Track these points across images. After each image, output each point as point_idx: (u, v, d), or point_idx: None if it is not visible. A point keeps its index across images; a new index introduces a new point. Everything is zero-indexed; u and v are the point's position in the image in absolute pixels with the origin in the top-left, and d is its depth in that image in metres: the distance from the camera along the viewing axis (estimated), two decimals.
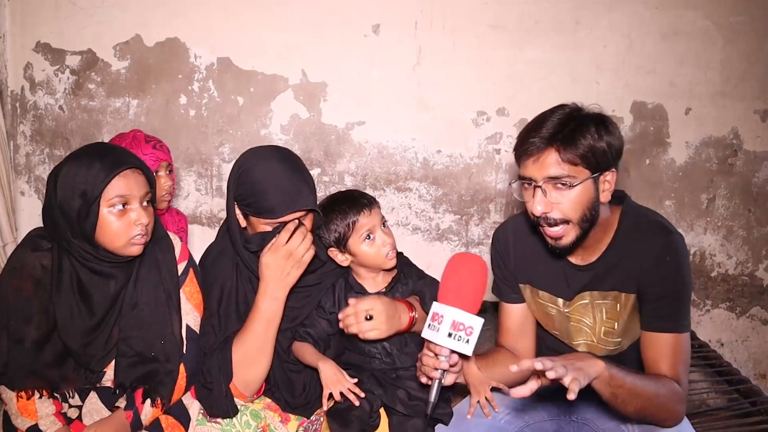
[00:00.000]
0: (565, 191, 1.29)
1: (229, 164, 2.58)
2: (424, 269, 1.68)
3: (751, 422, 1.88)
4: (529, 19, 2.54)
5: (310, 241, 1.47)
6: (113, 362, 1.44)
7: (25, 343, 1.38)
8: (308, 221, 1.50)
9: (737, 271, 2.76)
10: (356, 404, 1.44)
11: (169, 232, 1.55)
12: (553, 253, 1.41)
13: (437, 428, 1.49)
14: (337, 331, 1.57)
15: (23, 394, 1.39)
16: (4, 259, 2.43)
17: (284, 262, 1.44)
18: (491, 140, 2.63)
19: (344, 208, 1.53)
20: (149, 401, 1.43)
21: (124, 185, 1.33)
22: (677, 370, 1.33)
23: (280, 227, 1.46)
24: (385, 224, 1.56)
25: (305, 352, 1.52)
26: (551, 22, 2.54)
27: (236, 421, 1.50)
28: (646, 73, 2.59)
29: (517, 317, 1.57)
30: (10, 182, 2.56)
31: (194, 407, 1.53)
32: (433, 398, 1.30)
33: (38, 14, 2.57)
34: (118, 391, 1.44)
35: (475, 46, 2.56)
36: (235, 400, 1.48)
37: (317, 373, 1.48)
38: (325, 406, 1.46)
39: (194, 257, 1.59)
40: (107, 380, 1.46)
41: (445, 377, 1.32)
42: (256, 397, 1.55)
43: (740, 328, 2.81)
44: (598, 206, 1.33)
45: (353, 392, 1.43)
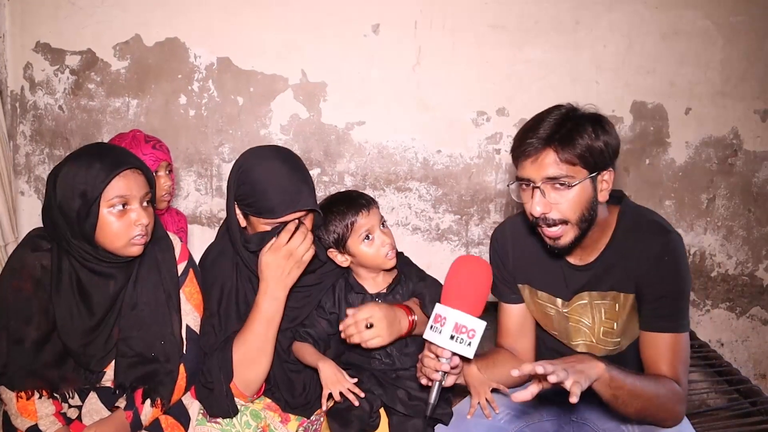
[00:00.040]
0: (563, 191, 1.29)
1: (228, 164, 2.58)
2: (423, 269, 1.67)
3: (751, 422, 1.88)
4: (529, 19, 2.54)
5: (310, 241, 1.47)
6: (113, 362, 1.44)
7: (24, 343, 1.38)
8: (308, 221, 1.50)
9: (737, 271, 2.76)
10: (356, 404, 1.43)
11: (168, 232, 1.55)
12: (551, 253, 1.41)
13: (437, 428, 1.49)
14: (337, 331, 1.57)
15: (23, 394, 1.40)
16: (4, 258, 2.43)
17: (285, 262, 1.44)
18: (491, 140, 2.63)
19: (342, 208, 1.53)
20: (149, 401, 1.42)
21: (124, 185, 1.33)
22: (677, 370, 1.33)
23: (280, 227, 1.46)
24: (384, 224, 1.56)
25: (305, 352, 1.52)
26: (551, 22, 2.54)
27: (236, 421, 1.50)
28: (646, 72, 2.59)
29: (516, 317, 1.57)
30: (11, 182, 2.55)
31: (194, 407, 1.53)
32: (433, 400, 1.29)
33: (38, 14, 2.57)
34: (117, 391, 1.44)
35: (474, 46, 2.56)
36: (235, 400, 1.48)
37: (317, 373, 1.47)
38: (324, 406, 1.46)
39: (194, 257, 1.59)
40: (107, 380, 1.46)
41: (445, 379, 1.32)
42: (256, 397, 1.55)
43: (740, 328, 2.81)
44: (596, 206, 1.33)
45: (353, 392, 1.43)
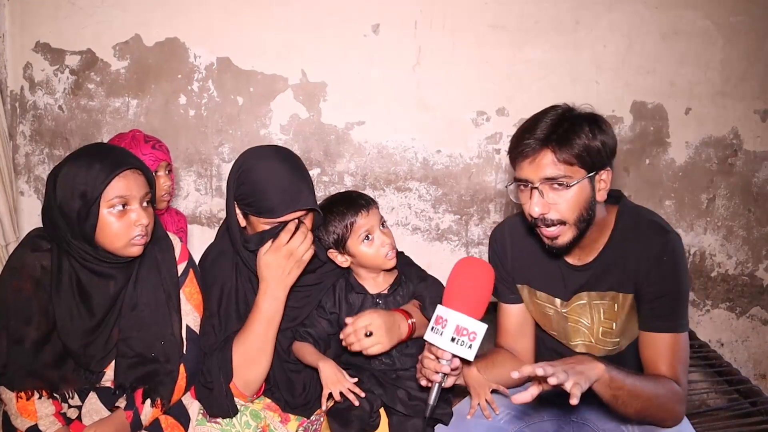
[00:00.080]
0: (561, 191, 1.29)
1: (228, 164, 2.58)
2: (424, 269, 1.68)
3: (751, 422, 1.88)
4: (529, 19, 2.54)
5: (310, 240, 1.47)
6: (113, 363, 1.44)
7: (24, 343, 1.38)
8: (308, 221, 1.50)
9: (737, 271, 2.76)
10: (356, 404, 1.44)
11: (168, 232, 1.55)
12: (550, 253, 1.41)
13: (437, 428, 1.49)
14: (337, 331, 1.57)
15: (23, 394, 1.39)
16: (5, 258, 2.43)
17: (285, 261, 1.44)
18: (491, 140, 2.63)
19: (342, 209, 1.53)
20: (149, 401, 1.42)
21: (123, 186, 1.33)
22: (676, 369, 1.33)
23: (280, 226, 1.46)
24: (384, 224, 1.56)
25: (305, 351, 1.52)
26: (551, 22, 2.54)
27: (236, 421, 1.50)
28: (646, 73, 2.58)
29: (515, 318, 1.57)
30: (12, 181, 2.55)
31: (194, 407, 1.53)
32: (432, 401, 1.29)
33: (38, 14, 2.57)
34: (117, 391, 1.44)
35: (474, 46, 2.55)
36: (235, 400, 1.48)
37: (317, 372, 1.47)
38: (324, 405, 1.46)
39: (194, 257, 1.59)
40: (107, 380, 1.46)
41: (445, 380, 1.32)
42: (256, 396, 1.55)
43: (740, 328, 2.81)
44: (594, 205, 1.33)
45: (353, 392, 1.43)
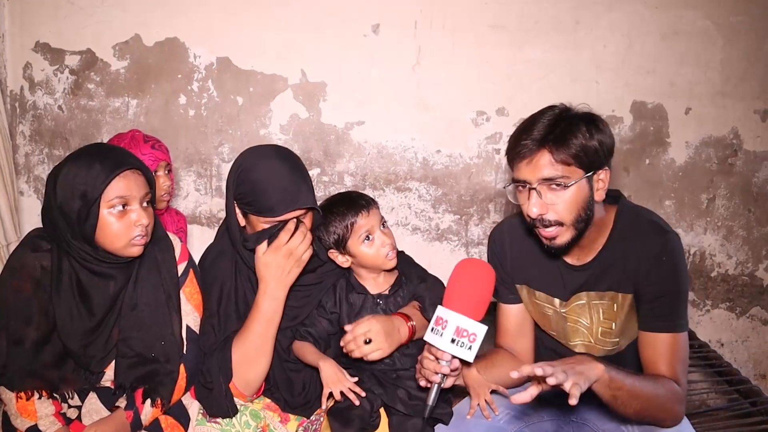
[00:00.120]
0: (559, 192, 1.29)
1: (228, 164, 2.57)
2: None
3: (751, 422, 1.88)
4: (528, 19, 2.53)
5: (309, 240, 1.47)
6: (113, 363, 1.44)
7: (24, 343, 1.38)
8: (308, 220, 1.50)
9: (737, 271, 2.76)
10: (356, 403, 1.44)
11: (168, 232, 1.55)
12: (549, 253, 1.41)
13: (437, 428, 1.49)
14: (337, 330, 1.57)
15: (23, 394, 1.39)
16: (6, 258, 2.42)
17: (285, 261, 1.44)
18: (491, 140, 2.63)
19: (342, 209, 1.53)
20: (149, 401, 1.42)
21: (124, 186, 1.33)
22: (676, 369, 1.33)
23: (278, 226, 1.46)
24: (384, 225, 1.56)
25: (306, 351, 1.52)
26: (551, 22, 2.54)
27: (236, 421, 1.50)
28: (646, 72, 2.58)
29: (514, 318, 1.57)
30: (13, 181, 2.54)
31: (194, 407, 1.53)
32: (431, 401, 1.29)
33: (37, 14, 2.57)
34: (117, 391, 1.44)
35: (474, 46, 2.55)
36: (234, 399, 1.48)
37: (317, 372, 1.48)
38: (324, 405, 1.46)
39: (194, 257, 1.59)
40: (107, 380, 1.46)
41: (444, 381, 1.32)
42: (255, 396, 1.55)
43: (740, 328, 2.81)
44: (593, 205, 1.33)
45: (354, 391, 1.43)
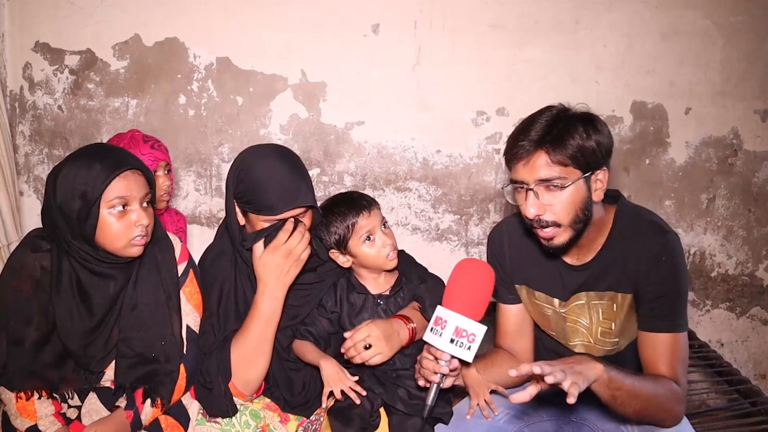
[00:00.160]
0: (557, 192, 1.29)
1: (228, 164, 2.55)
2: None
3: (751, 422, 1.88)
4: (528, 18, 2.53)
5: (308, 240, 1.47)
6: (113, 363, 1.43)
7: (24, 344, 1.38)
8: (307, 219, 1.50)
9: (737, 271, 2.75)
10: (357, 402, 1.44)
11: (168, 232, 1.55)
12: (548, 253, 1.41)
13: (437, 428, 1.49)
14: (338, 330, 1.58)
15: (22, 394, 1.39)
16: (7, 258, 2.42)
17: (283, 261, 1.44)
18: (491, 140, 2.63)
19: (343, 210, 1.53)
20: (149, 401, 1.42)
21: (124, 186, 1.33)
22: (675, 369, 1.33)
23: (275, 225, 1.46)
24: (385, 225, 1.56)
25: (306, 350, 1.52)
26: (551, 21, 2.53)
27: (236, 420, 1.50)
28: (646, 72, 2.58)
29: (514, 318, 1.57)
30: (14, 181, 2.54)
31: (193, 407, 1.53)
32: (430, 401, 1.29)
33: (37, 14, 2.57)
34: (117, 391, 1.44)
35: (474, 46, 2.55)
36: (234, 399, 1.48)
37: (317, 371, 1.48)
38: (324, 403, 1.46)
39: (194, 257, 1.59)
40: (106, 380, 1.46)
41: (443, 381, 1.32)
42: (255, 396, 1.55)
43: (740, 328, 2.80)
44: (591, 206, 1.33)
45: (354, 390, 1.43)
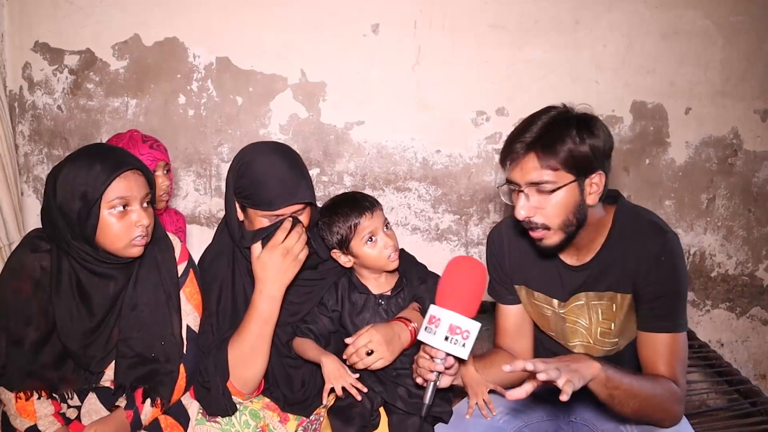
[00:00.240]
0: (546, 196, 1.29)
1: (227, 164, 2.55)
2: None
3: (751, 423, 1.88)
4: (528, 18, 2.53)
5: (305, 240, 1.47)
6: (113, 363, 1.43)
7: (24, 344, 1.38)
8: (305, 216, 1.50)
9: (737, 271, 2.75)
10: (358, 399, 1.44)
11: (168, 232, 1.55)
12: (546, 253, 1.41)
13: (437, 427, 1.49)
14: (338, 329, 1.58)
15: (22, 395, 1.39)
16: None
17: (282, 260, 1.44)
18: (491, 140, 2.63)
19: (346, 210, 1.53)
20: (149, 401, 1.42)
21: (124, 187, 1.32)
22: (675, 369, 1.33)
23: (275, 224, 1.46)
24: (387, 226, 1.56)
25: (307, 347, 1.52)
26: (551, 21, 2.53)
27: (235, 420, 1.50)
28: (645, 72, 2.58)
29: (513, 318, 1.57)
30: (16, 180, 2.54)
31: (193, 407, 1.53)
32: (428, 400, 1.29)
33: (37, 14, 2.57)
34: (117, 391, 1.44)
35: (474, 46, 2.55)
36: (233, 398, 1.48)
37: (317, 369, 1.48)
38: (325, 400, 1.46)
39: (193, 257, 1.59)
40: (106, 380, 1.46)
41: (440, 379, 1.32)
42: (255, 394, 1.55)
43: (740, 328, 2.80)
44: (583, 209, 1.32)
45: (355, 387, 1.43)
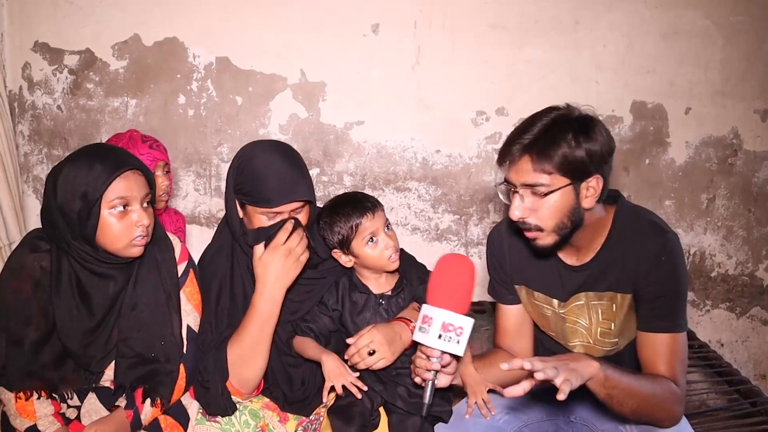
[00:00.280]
0: (540, 198, 1.29)
1: (227, 164, 2.56)
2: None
3: (751, 423, 1.89)
4: (528, 18, 2.53)
5: (306, 243, 1.47)
6: (113, 363, 1.43)
7: (24, 344, 1.38)
8: (304, 215, 1.50)
9: (737, 271, 2.76)
10: (358, 397, 1.44)
11: (168, 232, 1.55)
12: (543, 253, 1.40)
13: (437, 427, 1.49)
14: (338, 328, 1.58)
15: (22, 395, 1.39)
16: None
17: (283, 260, 1.44)
18: (490, 140, 2.63)
19: (348, 210, 1.53)
20: (149, 401, 1.42)
21: (124, 187, 1.32)
22: (674, 369, 1.33)
23: (277, 225, 1.46)
24: (388, 227, 1.56)
25: (307, 346, 1.52)
26: (551, 21, 2.54)
27: (235, 420, 1.50)
28: (645, 72, 2.58)
29: (513, 318, 1.57)
30: (17, 180, 2.53)
31: (193, 407, 1.53)
32: (427, 399, 1.29)
33: (36, 13, 2.56)
34: (117, 391, 1.44)
35: (474, 46, 2.55)
36: (232, 398, 1.49)
37: (317, 368, 1.48)
38: (325, 398, 1.46)
39: (193, 257, 1.59)
40: (106, 380, 1.46)
41: (438, 378, 1.32)
42: (255, 394, 1.55)
43: (740, 328, 2.81)
44: (579, 212, 1.32)
45: (356, 386, 1.43)
